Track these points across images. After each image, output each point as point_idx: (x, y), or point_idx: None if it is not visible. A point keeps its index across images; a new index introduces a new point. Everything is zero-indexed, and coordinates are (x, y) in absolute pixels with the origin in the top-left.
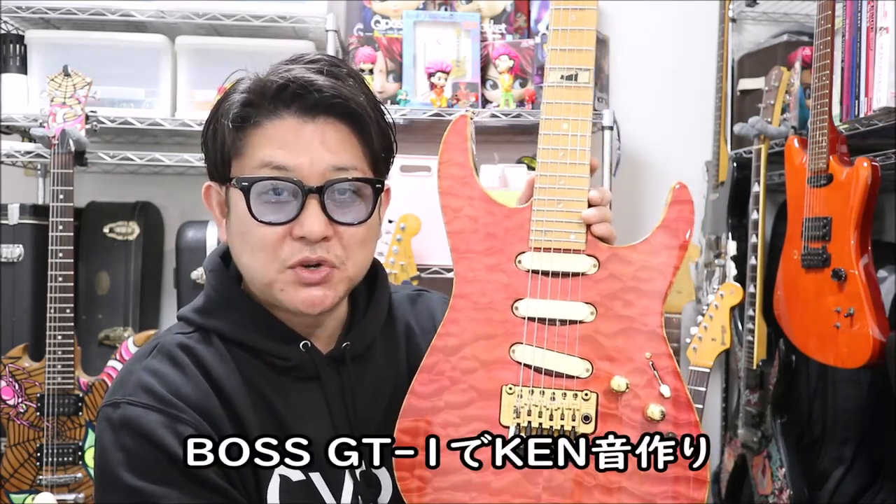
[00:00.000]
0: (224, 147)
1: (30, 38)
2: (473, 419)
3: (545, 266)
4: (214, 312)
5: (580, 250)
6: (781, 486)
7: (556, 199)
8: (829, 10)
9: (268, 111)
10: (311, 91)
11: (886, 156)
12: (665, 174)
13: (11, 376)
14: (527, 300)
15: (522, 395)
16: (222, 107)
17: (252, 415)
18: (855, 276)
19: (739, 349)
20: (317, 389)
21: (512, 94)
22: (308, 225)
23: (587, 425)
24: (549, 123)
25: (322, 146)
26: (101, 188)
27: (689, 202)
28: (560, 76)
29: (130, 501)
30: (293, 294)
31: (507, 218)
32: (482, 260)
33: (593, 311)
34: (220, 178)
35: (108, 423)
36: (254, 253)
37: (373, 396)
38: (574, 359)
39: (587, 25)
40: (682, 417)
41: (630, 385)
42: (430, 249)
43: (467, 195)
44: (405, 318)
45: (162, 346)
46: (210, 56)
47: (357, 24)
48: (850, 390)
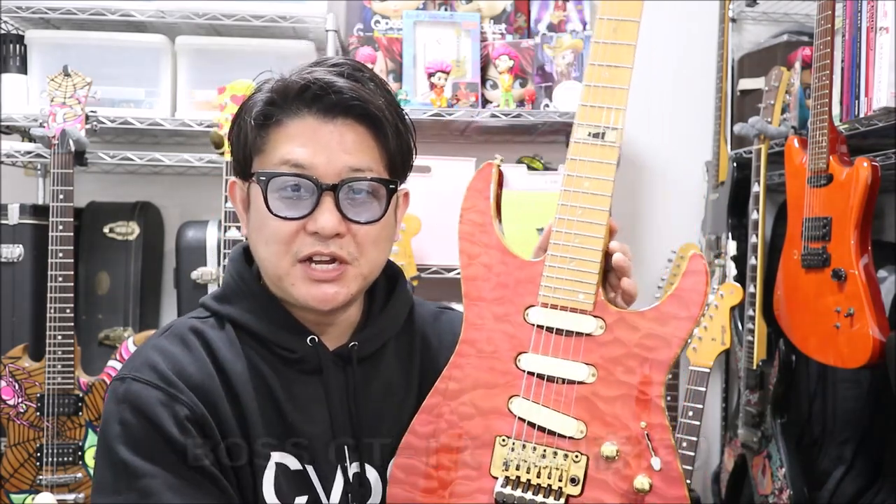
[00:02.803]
0: (246, 144)
1: (30, 38)
2: (465, 465)
3: (551, 322)
4: (230, 299)
5: (588, 311)
6: (781, 486)
7: (570, 256)
8: (829, 10)
9: (290, 110)
10: (331, 93)
11: (886, 156)
12: (665, 174)
13: (11, 376)
14: (529, 354)
15: (514, 447)
16: (246, 105)
17: (252, 400)
18: (855, 276)
19: (739, 349)
20: (319, 384)
21: (512, 94)
22: (322, 220)
23: (574, 487)
24: (570, 180)
25: (339, 146)
26: (101, 188)
27: (703, 273)
28: (588, 133)
29: (119, 474)
30: (305, 289)
31: (519, 269)
32: (491, 308)
33: (594, 373)
34: (243, 174)
35: (113, 395)
36: (268, 245)
37: (378, 398)
38: (569, 419)
39: (620, 84)
40: (670, 493)
41: (621, 453)
42: (429, 249)
43: (484, 243)
44: (424, 331)
45: (176, 327)
46: (210, 56)
47: (357, 24)
48: (850, 390)
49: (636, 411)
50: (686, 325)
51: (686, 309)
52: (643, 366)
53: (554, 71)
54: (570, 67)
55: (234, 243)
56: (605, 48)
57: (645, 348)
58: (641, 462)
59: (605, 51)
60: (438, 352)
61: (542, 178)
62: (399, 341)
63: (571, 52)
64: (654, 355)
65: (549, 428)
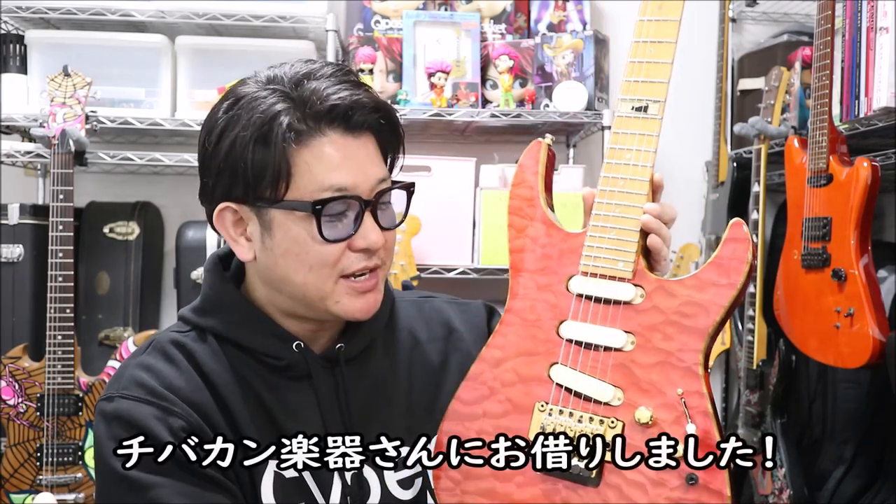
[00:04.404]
0: (255, 166)
1: (30, 38)
2: (506, 430)
3: (591, 291)
4: (210, 311)
5: (627, 279)
6: (781, 486)
7: (610, 226)
8: (829, 10)
9: (312, 130)
10: (358, 109)
11: (886, 156)
12: (665, 174)
13: (11, 376)
14: (569, 322)
15: (552, 413)
16: (240, 121)
17: (243, 410)
18: (855, 276)
19: (739, 349)
20: (309, 389)
21: (512, 94)
22: (372, 237)
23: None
24: (614, 152)
25: (367, 160)
26: (101, 188)
27: (745, 240)
28: (630, 107)
29: (125, 491)
30: (350, 303)
31: (563, 241)
32: (535, 279)
33: (633, 340)
34: (245, 197)
35: (102, 416)
36: (313, 270)
37: (369, 397)
38: (606, 385)
39: (664, 59)
40: (714, 484)
41: (657, 419)
42: (429, 249)
43: (531, 216)
44: (410, 325)
45: (157, 342)
46: (210, 56)
47: (357, 24)
48: (850, 390)
49: (673, 378)
50: (727, 292)
51: (727, 276)
52: (680, 333)
53: (554, 71)
54: (570, 67)
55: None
56: (650, 25)
57: (683, 315)
58: (678, 429)
59: (650, 27)
60: (429, 344)
61: None
62: (386, 338)
63: (571, 52)
64: (692, 322)
65: (586, 394)
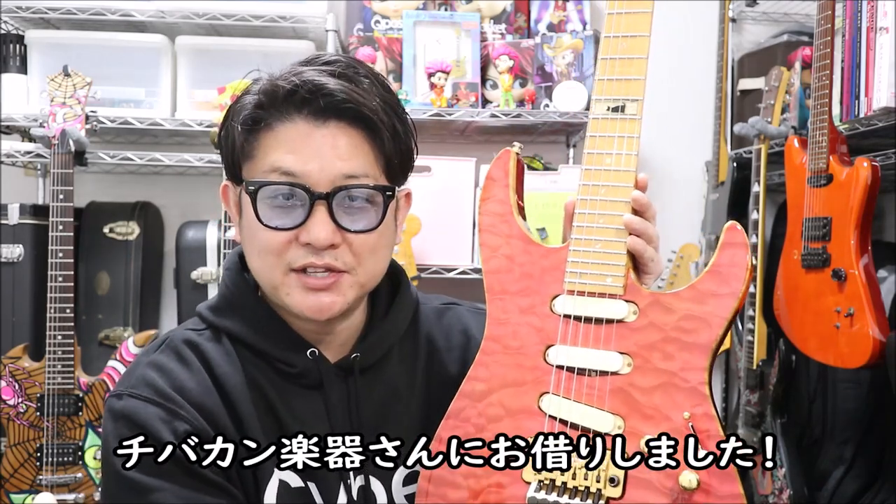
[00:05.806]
0: (234, 149)
1: (30, 38)
2: (496, 471)
3: (579, 311)
4: (227, 311)
5: (618, 295)
6: (781, 486)
7: (595, 238)
8: (829, 10)
9: (279, 114)
10: (321, 95)
11: (886, 156)
12: (665, 174)
13: (11, 376)
14: (557, 347)
15: None
16: (234, 108)
17: (253, 415)
18: (855, 276)
19: (739, 349)
20: (319, 399)
21: (512, 94)
22: (315, 232)
23: (614, 488)
24: (592, 157)
25: (333, 152)
26: (101, 188)
27: (743, 245)
28: (606, 108)
29: (127, 492)
30: (300, 299)
31: (543, 258)
32: (516, 301)
33: (629, 362)
34: (234, 179)
35: (110, 412)
36: (260, 256)
37: (382, 406)
38: (604, 413)
39: (638, 54)
40: (722, 490)
41: (702, 482)
42: (430, 250)
43: (505, 233)
44: (428, 332)
45: (171, 341)
46: (210, 56)
47: (357, 24)
48: (850, 390)
49: (678, 401)
50: (728, 302)
51: (727, 284)
52: (682, 351)
53: (554, 71)
54: (570, 67)
55: (234, 244)
56: (620, 18)
57: (683, 331)
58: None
59: (621, 21)
60: (447, 353)
61: (542, 178)
62: (403, 345)
63: (571, 52)
64: (694, 338)
65: (582, 425)
